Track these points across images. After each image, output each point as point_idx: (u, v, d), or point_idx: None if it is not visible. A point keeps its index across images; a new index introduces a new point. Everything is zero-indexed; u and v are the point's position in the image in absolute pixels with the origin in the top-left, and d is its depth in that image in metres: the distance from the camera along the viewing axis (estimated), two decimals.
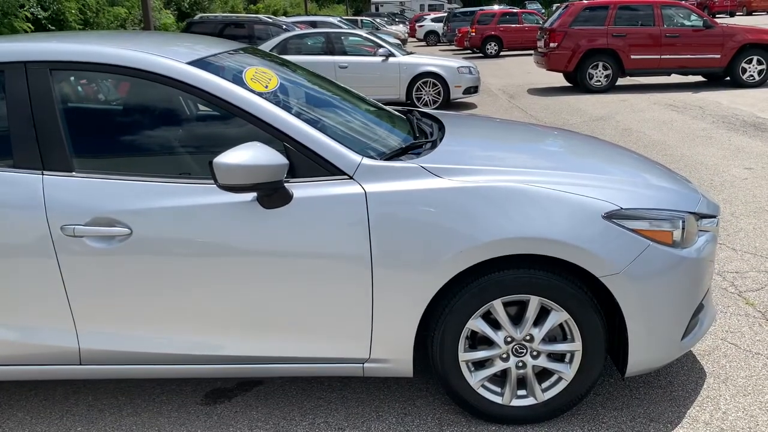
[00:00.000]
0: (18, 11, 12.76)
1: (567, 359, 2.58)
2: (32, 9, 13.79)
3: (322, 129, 2.54)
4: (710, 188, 5.81)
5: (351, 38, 11.57)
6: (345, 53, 11.30)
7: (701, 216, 2.70)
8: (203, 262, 2.42)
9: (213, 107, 2.50)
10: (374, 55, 11.15)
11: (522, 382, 2.63)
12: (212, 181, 2.36)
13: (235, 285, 2.44)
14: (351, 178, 2.43)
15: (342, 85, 3.61)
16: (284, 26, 13.44)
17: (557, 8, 14.04)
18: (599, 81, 12.43)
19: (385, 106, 3.72)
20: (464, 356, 2.56)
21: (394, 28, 34.65)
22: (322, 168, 2.43)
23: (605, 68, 12.35)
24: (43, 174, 2.44)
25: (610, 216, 2.44)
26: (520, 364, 2.58)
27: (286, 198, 2.38)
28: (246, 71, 2.72)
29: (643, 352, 2.53)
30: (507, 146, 3.15)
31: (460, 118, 3.72)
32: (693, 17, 12.36)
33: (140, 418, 2.76)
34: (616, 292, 2.43)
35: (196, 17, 14.69)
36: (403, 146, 2.78)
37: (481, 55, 23.94)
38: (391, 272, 2.40)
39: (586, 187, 2.52)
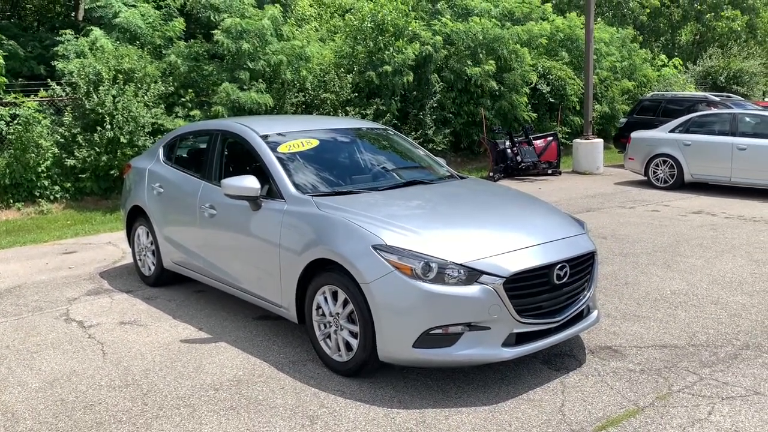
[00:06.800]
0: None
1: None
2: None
3: (291, 173, 4.35)
4: None
5: (759, 119, 10.90)
6: (747, 135, 10.78)
7: (475, 271, 3.51)
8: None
9: (252, 156, 4.58)
10: None
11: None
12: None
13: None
14: (284, 201, 4.14)
15: (412, 156, 5.23)
16: (729, 105, 13.10)
17: None
18: None
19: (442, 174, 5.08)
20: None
21: None
22: (277, 194, 4.26)
23: None
24: None
25: (375, 247, 3.55)
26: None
27: (257, 208, 4.21)
28: (291, 141, 4.64)
29: (384, 343, 3.44)
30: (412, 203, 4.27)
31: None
32: None
33: None
34: (367, 295, 3.61)
35: (648, 95, 15.41)
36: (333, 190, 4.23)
37: None
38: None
39: (380, 227, 3.60)
